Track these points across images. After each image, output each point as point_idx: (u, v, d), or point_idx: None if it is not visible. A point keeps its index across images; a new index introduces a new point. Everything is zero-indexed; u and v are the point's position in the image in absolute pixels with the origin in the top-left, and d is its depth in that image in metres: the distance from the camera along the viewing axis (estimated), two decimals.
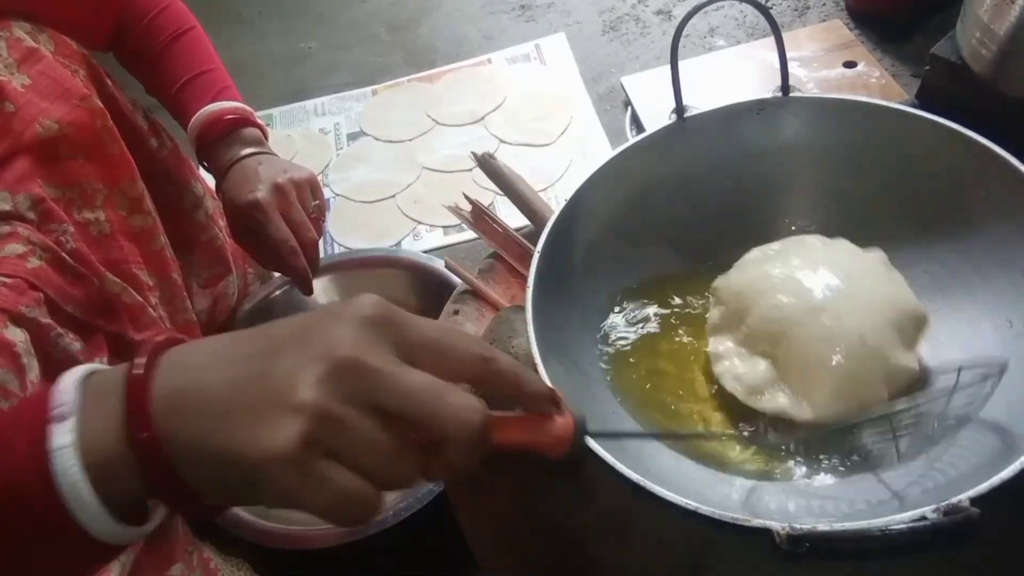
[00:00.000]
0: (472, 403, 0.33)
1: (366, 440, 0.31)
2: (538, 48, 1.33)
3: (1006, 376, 0.50)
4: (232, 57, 1.45)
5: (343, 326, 0.32)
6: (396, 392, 0.32)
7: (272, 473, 0.30)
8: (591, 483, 0.48)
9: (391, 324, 0.33)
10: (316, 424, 0.30)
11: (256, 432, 0.30)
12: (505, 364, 0.35)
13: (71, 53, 0.65)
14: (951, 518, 0.37)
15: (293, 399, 0.30)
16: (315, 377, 0.31)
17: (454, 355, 0.34)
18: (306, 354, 0.32)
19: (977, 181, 0.54)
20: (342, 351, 0.31)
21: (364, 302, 0.34)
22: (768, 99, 0.61)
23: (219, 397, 0.31)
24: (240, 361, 0.32)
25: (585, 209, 0.58)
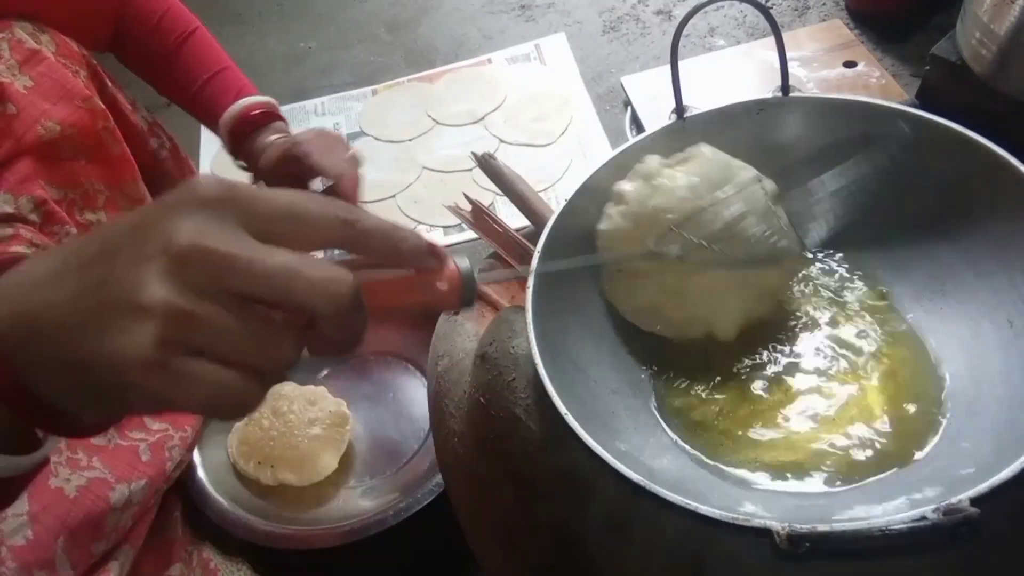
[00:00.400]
0: (334, 273, 0.30)
1: (225, 329, 0.29)
2: (538, 48, 1.33)
3: (1006, 376, 0.50)
4: (232, 57, 1.45)
5: (181, 214, 0.30)
6: (249, 274, 0.29)
7: (133, 379, 0.29)
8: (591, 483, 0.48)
9: (234, 201, 0.30)
10: (168, 322, 0.28)
11: (107, 340, 0.29)
12: (371, 223, 0.33)
13: (72, 54, 0.65)
14: (951, 518, 0.37)
15: (138, 300, 0.28)
16: (158, 273, 0.29)
17: (311, 222, 0.31)
18: (144, 250, 0.29)
19: (977, 181, 0.54)
20: (183, 239, 0.29)
21: (200, 183, 0.31)
22: (768, 99, 0.61)
23: (62, 312, 0.30)
24: (77, 271, 0.30)
25: (586, 209, 0.58)
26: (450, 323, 0.64)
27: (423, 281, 0.35)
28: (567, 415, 0.44)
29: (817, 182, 0.60)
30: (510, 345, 0.54)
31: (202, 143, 1.30)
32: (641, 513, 0.46)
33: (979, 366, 0.52)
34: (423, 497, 0.73)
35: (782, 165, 0.63)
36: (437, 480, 0.74)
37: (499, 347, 0.54)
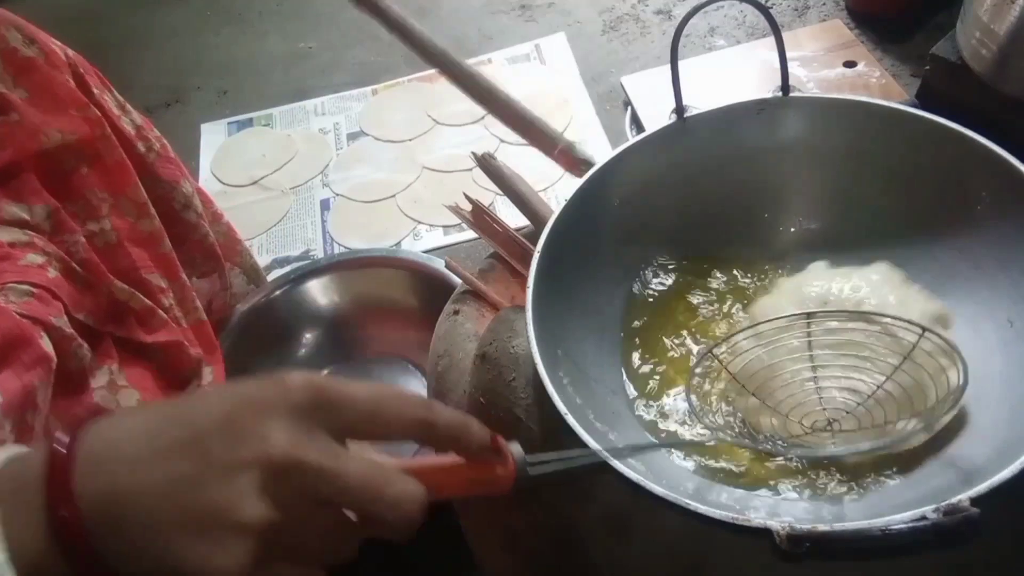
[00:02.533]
0: (410, 493, 0.33)
1: (310, 535, 0.32)
2: (538, 48, 1.33)
3: (1006, 376, 0.50)
4: (232, 57, 1.45)
5: (273, 418, 0.31)
6: (335, 487, 0.31)
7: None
8: (591, 483, 0.48)
9: (323, 408, 0.32)
10: (265, 538, 0.30)
11: (204, 552, 0.29)
12: (443, 424, 0.35)
13: (59, 63, 0.65)
14: (951, 518, 0.37)
15: (238, 517, 0.30)
16: (255, 488, 0.30)
17: (392, 425, 0.34)
18: (238, 456, 0.30)
19: (977, 181, 0.54)
20: (278, 452, 0.30)
21: (291, 386, 0.32)
22: (768, 99, 0.61)
23: (153, 507, 0.30)
24: (165, 457, 0.30)
25: (585, 209, 0.58)
26: (450, 323, 0.64)
27: (482, 471, 0.37)
28: (567, 415, 0.44)
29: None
30: (510, 345, 0.54)
31: (202, 143, 1.30)
32: (641, 513, 0.46)
33: (979, 366, 0.52)
34: None
35: (782, 165, 0.63)
36: None
37: (499, 347, 0.54)
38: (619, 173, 0.60)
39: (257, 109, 1.33)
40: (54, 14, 1.54)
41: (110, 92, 0.74)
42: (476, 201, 0.67)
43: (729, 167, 0.63)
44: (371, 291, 0.95)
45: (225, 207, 1.15)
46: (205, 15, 1.55)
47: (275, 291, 0.93)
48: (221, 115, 1.34)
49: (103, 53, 1.46)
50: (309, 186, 1.21)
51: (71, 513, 0.30)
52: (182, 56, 1.48)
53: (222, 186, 1.23)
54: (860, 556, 0.39)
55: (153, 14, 1.57)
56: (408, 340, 0.90)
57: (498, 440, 0.37)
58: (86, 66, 0.71)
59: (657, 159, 0.61)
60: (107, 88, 0.73)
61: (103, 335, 0.61)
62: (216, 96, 1.38)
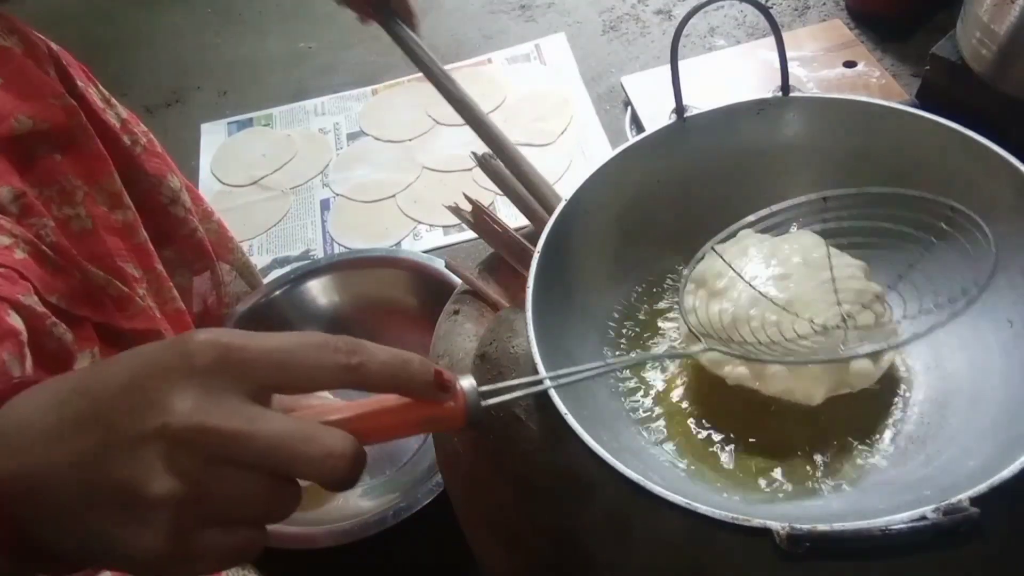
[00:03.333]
0: (335, 447, 0.30)
1: (231, 499, 0.30)
2: (538, 48, 1.33)
3: (1006, 376, 0.50)
4: (232, 57, 1.46)
5: (174, 384, 0.29)
6: (248, 450, 0.29)
7: (152, 562, 0.29)
8: (591, 483, 0.48)
9: (229, 365, 0.30)
10: (178, 512, 0.29)
11: (121, 531, 0.29)
12: (375, 365, 0.32)
13: (40, 55, 0.65)
14: (951, 518, 0.37)
15: (146, 493, 0.28)
16: (160, 459, 0.28)
17: (310, 374, 0.31)
18: (140, 427, 0.29)
19: (977, 181, 0.54)
20: (179, 421, 0.28)
21: (192, 347, 0.30)
22: (768, 99, 0.61)
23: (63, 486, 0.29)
24: (70, 433, 0.29)
25: (585, 209, 0.58)
26: (450, 323, 0.64)
27: (428, 409, 0.34)
28: (567, 415, 0.44)
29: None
30: (510, 345, 0.54)
31: (202, 143, 1.30)
32: (641, 513, 0.46)
33: (979, 366, 0.52)
34: (423, 497, 0.73)
35: (782, 165, 0.63)
36: (437, 480, 0.74)
37: (499, 347, 0.54)
38: (619, 173, 0.60)
39: (257, 109, 1.34)
40: (54, 14, 1.55)
41: (95, 86, 0.74)
42: (476, 201, 0.67)
43: (729, 167, 0.63)
44: (371, 291, 0.95)
45: (225, 207, 1.16)
46: (205, 15, 1.55)
47: (275, 291, 0.93)
48: (221, 115, 1.34)
49: (103, 53, 1.46)
50: (309, 186, 1.21)
51: None
52: (182, 56, 1.48)
53: (222, 186, 1.23)
54: (860, 556, 0.39)
55: (153, 14, 1.57)
56: (408, 340, 0.90)
57: (443, 375, 0.34)
58: (70, 60, 0.71)
59: (657, 159, 0.61)
60: (92, 82, 0.73)
61: (82, 320, 0.61)
62: (216, 96, 1.39)
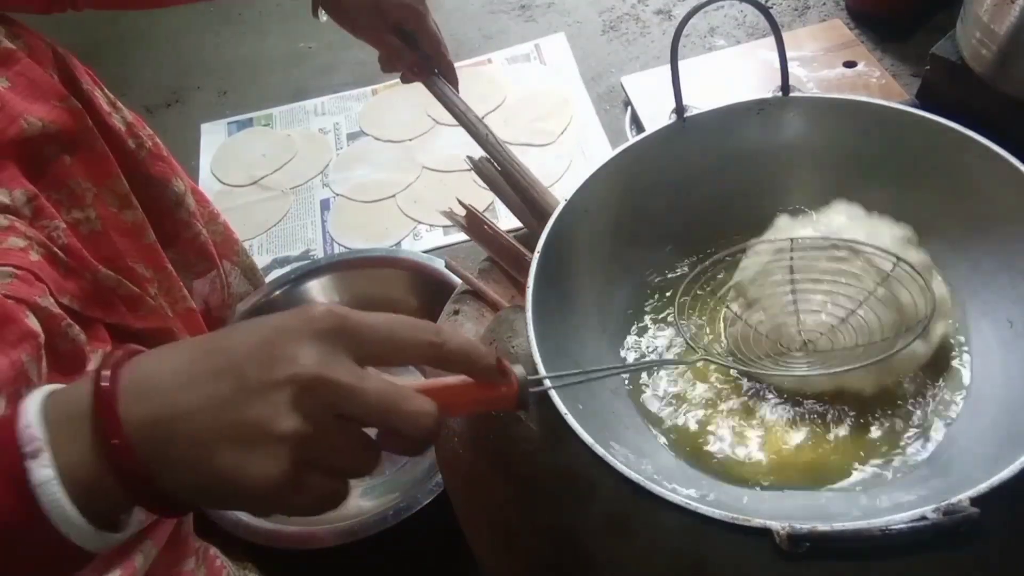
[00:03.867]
0: (424, 408, 0.36)
1: (339, 448, 0.35)
2: (538, 48, 1.33)
3: (1006, 376, 0.50)
4: (232, 57, 1.45)
5: (301, 343, 0.34)
6: (357, 403, 0.34)
7: (269, 494, 0.33)
8: (591, 483, 0.48)
9: (344, 332, 0.35)
10: (299, 447, 0.33)
11: (247, 462, 0.33)
12: (453, 346, 0.38)
13: (45, 58, 0.65)
14: (951, 518, 0.37)
15: (273, 429, 0.33)
16: (288, 403, 0.33)
17: (405, 347, 0.37)
18: (271, 376, 0.33)
19: (977, 181, 0.54)
20: (307, 371, 0.33)
21: (315, 314, 0.35)
22: (768, 99, 0.61)
23: (198, 426, 0.33)
24: (205, 382, 0.34)
25: (585, 209, 0.58)
26: (450, 323, 0.64)
27: (488, 390, 0.40)
28: (567, 415, 0.44)
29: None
30: (510, 345, 0.54)
31: (202, 143, 1.30)
32: (641, 513, 0.46)
33: (979, 366, 0.52)
34: (423, 497, 0.73)
35: (782, 165, 0.63)
36: (437, 480, 0.74)
37: (499, 347, 0.54)
38: (619, 173, 0.60)
39: (257, 109, 1.33)
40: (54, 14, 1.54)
41: (100, 89, 0.74)
42: (470, 207, 0.67)
43: (729, 167, 0.63)
44: (371, 291, 0.95)
45: (225, 207, 1.16)
46: (205, 15, 1.55)
47: (275, 291, 0.93)
48: (221, 115, 1.34)
49: (103, 53, 1.46)
50: (309, 186, 1.21)
51: (121, 440, 0.33)
52: (182, 56, 1.48)
53: (222, 186, 1.23)
54: (860, 556, 0.40)
55: (153, 14, 1.57)
56: None
57: (503, 362, 0.40)
58: (75, 63, 0.71)
59: (657, 159, 0.61)
60: (97, 85, 0.73)
61: (93, 321, 0.61)
62: (216, 96, 1.38)
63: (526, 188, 0.66)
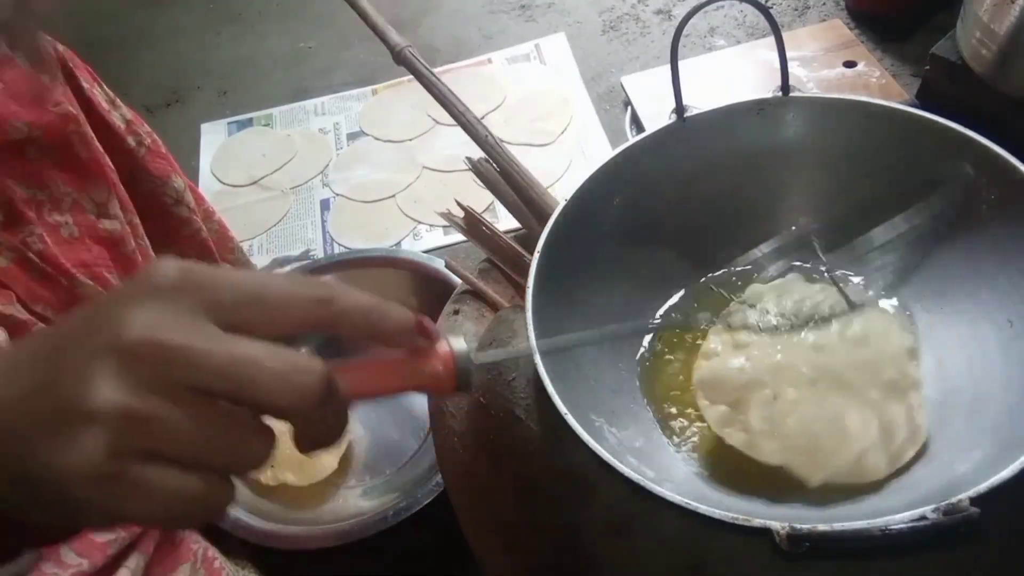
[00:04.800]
0: (300, 363, 0.27)
1: (184, 430, 0.26)
2: (538, 48, 1.33)
3: (1006, 376, 0.50)
4: (232, 57, 1.45)
5: (133, 305, 0.27)
6: (205, 368, 0.26)
7: (84, 492, 0.26)
8: (591, 483, 0.48)
9: (194, 287, 0.28)
10: (119, 427, 0.26)
11: (53, 452, 0.26)
12: (349, 301, 0.30)
13: (44, 58, 0.65)
14: (951, 518, 0.37)
15: (85, 405, 0.26)
16: (107, 373, 0.26)
17: (281, 304, 0.29)
18: (91, 345, 0.27)
19: (977, 181, 0.54)
20: (133, 333, 0.26)
21: (157, 270, 0.28)
22: (768, 99, 0.61)
23: (10, 418, 0.27)
24: (25, 366, 0.28)
25: (585, 209, 0.58)
26: (450, 323, 0.64)
27: (413, 364, 0.33)
28: (567, 415, 0.44)
29: (863, 240, 0.58)
30: (510, 345, 0.54)
31: (202, 143, 1.30)
32: (641, 513, 0.46)
33: (979, 366, 0.52)
34: (423, 497, 0.73)
35: (782, 165, 0.63)
36: (437, 480, 0.74)
37: (499, 347, 0.54)
38: (619, 173, 0.60)
39: (257, 109, 1.33)
40: None
41: (100, 87, 0.74)
42: (468, 208, 0.67)
43: (729, 167, 0.63)
44: (371, 291, 0.94)
45: (225, 207, 1.16)
46: (205, 15, 1.55)
47: None
48: (221, 115, 1.34)
49: (103, 52, 1.46)
50: (309, 186, 1.21)
51: None
52: (182, 56, 1.48)
53: (222, 186, 1.23)
54: (860, 556, 0.40)
55: (153, 14, 1.57)
56: None
57: (425, 322, 0.32)
58: (76, 61, 0.71)
59: (657, 159, 0.61)
60: (97, 83, 0.73)
61: None
62: (216, 96, 1.38)
63: (525, 189, 0.65)
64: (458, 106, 0.67)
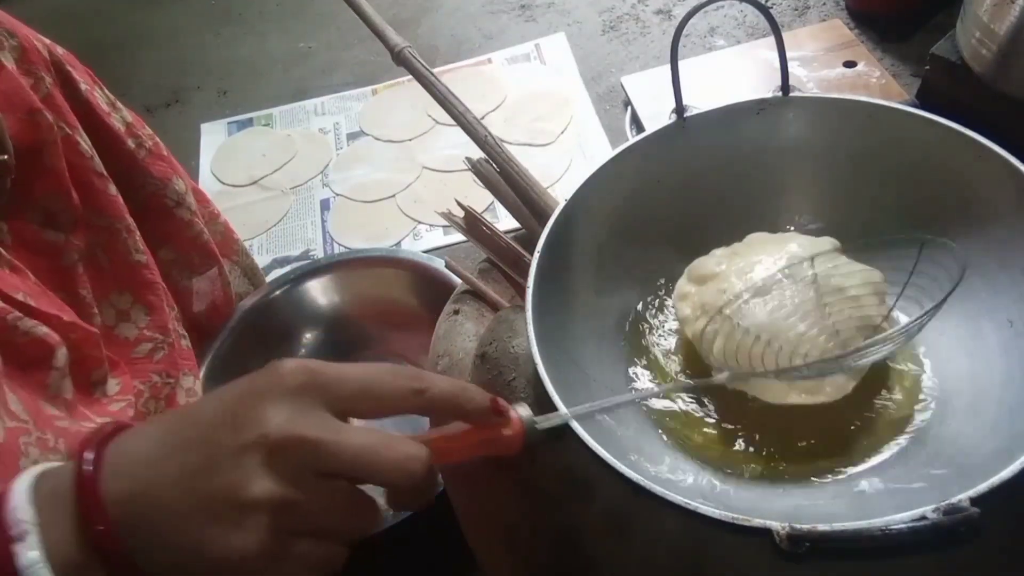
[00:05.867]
0: (411, 452, 0.34)
1: (323, 510, 0.33)
2: (538, 48, 1.33)
3: (1006, 376, 0.50)
4: (232, 57, 1.45)
5: (270, 403, 0.33)
6: (337, 458, 0.33)
7: (253, 567, 0.32)
8: (591, 483, 0.48)
9: (316, 387, 0.34)
10: (276, 514, 0.32)
11: (222, 534, 0.31)
12: (438, 391, 0.36)
13: (38, 60, 0.64)
14: (951, 518, 0.37)
15: (246, 495, 0.31)
16: (259, 466, 0.32)
17: (385, 398, 0.35)
18: (241, 440, 0.32)
19: (977, 181, 0.54)
20: (277, 431, 0.32)
21: (283, 372, 0.34)
22: (768, 99, 0.61)
23: (170, 500, 0.32)
24: (177, 453, 0.33)
25: (585, 209, 0.58)
26: (450, 323, 0.64)
27: (488, 435, 0.38)
28: (567, 415, 0.44)
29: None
30: (510, 345, 0.54)
31: (202, 143, 1.30)
32: (641, 513, 0.46)
33: (979, 366, 0.52)
34: None
35: (782, 165, 0.63)
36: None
37: (499, 347, 0.54)
38: (619, 173, 0.60)
39: (257, 109, 1.34)
40: (54, 14, 1.55)
41: (100, 89, 0.73)
42: (469, 208, 0.67)
43: (729, 167, 0.63)
44: (371, 291, 0.95)
45: (225, 207, 1.16)
46: (205, 15, 1.55)
47: (275, 291, 0.93)
48: (221, 115, 1.34)
49: (103, 53, 1.46)
50: (309, 186, 1.21)
51: (104, 525, 0.32)
52: (182, 56, 1.48)
53: (222, 186, 1.23)
54: (860, 556, 0.39)
55: (153, 14, 1.57)
56: (408, 340, 0.90)
57: (499, 402, 0.38)
58: (74, 63, 0.71)
59: (657, 159, 0.61)
60: (97, 85, 0.73)
61: (54, 318, 0.60)
62: (216, 96, 1.39)
63: (525, 189, 0.65)
64: (458, 106, 0.67)
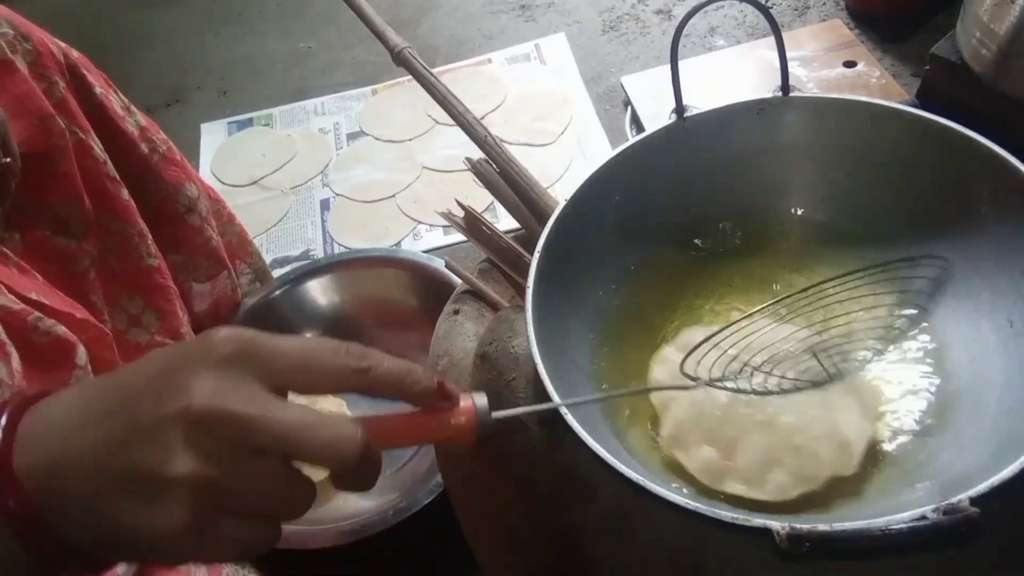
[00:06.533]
0: (345, 432, 0.32)
1: (249, 487, 0.31)
2: (538, 48, 1.33)
3: (1007, 376, 0.50)
4: (232, 57, 1.45)
5: (197, 373, 0.31)
6: (263, 434, 0.31)
7: (169, 546, 0.30)
8: (591, 483, 0.48)
9: (248, 357, 0.32)
10: (197, 492, 0.30)
11: (142, 512, 0.30)
12: (382, 371, 0.34)
13: (52, 64, 0.64)
14: (951, 518, 0.37)
15: (166, 472, 0.30)
16: (180, 440, 0.30)
17: (324, 373, 0.33)
18: (162, 411, 0.30)
19: (977, 181, 0.54)
20: (199, 404, 0.30)
21: (216, 340, 0.32)
22: (768, 99, 0.61)
23: (89, 473, 0.30)
24: (98, 421, 0.31)
25: (585, 209, 0.58)
26: (450, 323, 0.64)
27: (439, 419, 0.36)
28: (567, 415, 0.44)
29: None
30: (510, 345, 0.54)
31: (202, 143, 1.30)
32: (641, 513, 0.46)
33: (979, 366, 0.52)
34: (423, 497, 0.73)
35: (782, 165, 0.63)
36: (437, 480, 0.74)
37: (499, 347, 0.54)
38: (619, 173, 0.60)
39: (257, 109, 1.34)
40: (54, 14, 1.55)
41: (115, 93, 0.73)
42: (469, 208, 0.67)
43: (729, 167, 0.63)
44: (371, 291, 0.95)
45: None
46: (205, 15, 1.55)
47: (275, 291, 0.94)
48: (221, 115, 1.34)
49: (103, 53, 1.46)
50: (309, 186, 1.21)
51: (16, 499, 0.30)
52: (182, 56, 1.48)
53: (222, 186, 1.23)
54: (860, 556, 0.39)
55: (153, 14, 1.57)
56: (408, 340, 0.90)
57: (446, 386, 0.36)
58: (89, 66, 0.71)
59: (657, 159, 0.61)
60: (112, 88, 0.73)
61: (67, 315, 0.60)
62: (216, 96, 1.39)
63: (525, 189, 0.65)
64: (457, 106, 0.67)
